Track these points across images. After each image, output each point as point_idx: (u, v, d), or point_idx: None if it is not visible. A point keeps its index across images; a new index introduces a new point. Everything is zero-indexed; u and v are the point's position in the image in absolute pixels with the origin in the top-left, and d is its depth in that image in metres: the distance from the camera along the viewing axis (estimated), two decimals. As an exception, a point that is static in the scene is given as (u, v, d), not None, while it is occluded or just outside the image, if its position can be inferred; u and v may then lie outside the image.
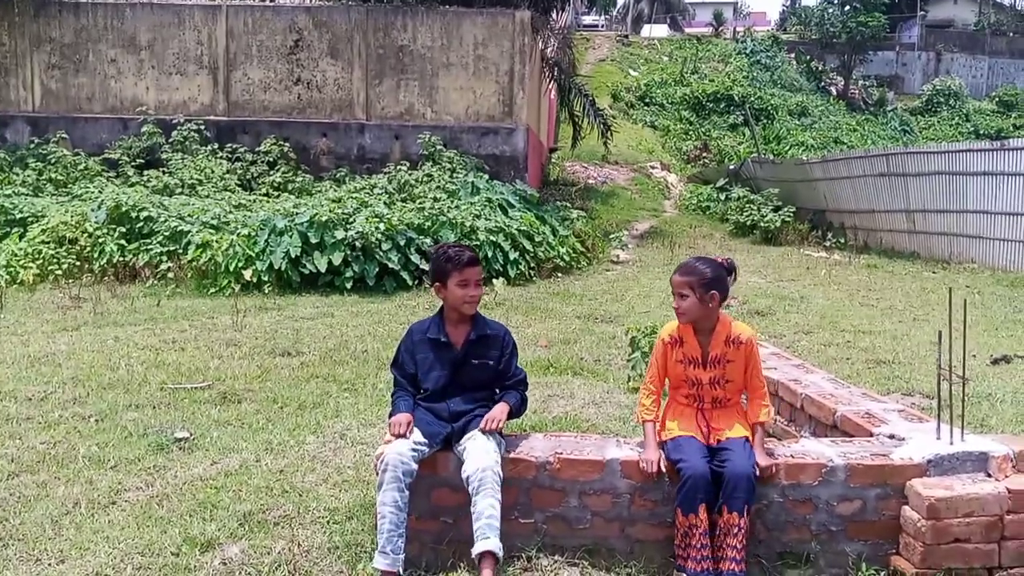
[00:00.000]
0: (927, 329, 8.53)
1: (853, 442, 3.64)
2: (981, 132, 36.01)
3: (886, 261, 15.63)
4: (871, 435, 3.72)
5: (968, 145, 16.59)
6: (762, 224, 19.30)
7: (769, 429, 3.58)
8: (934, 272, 14.05)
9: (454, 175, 15.12)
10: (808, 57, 42.09)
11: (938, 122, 38.39)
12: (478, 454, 3.24)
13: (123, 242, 11.67)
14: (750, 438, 3.40)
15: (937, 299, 10.72)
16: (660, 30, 52.94)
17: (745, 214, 20.03)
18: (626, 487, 3.36)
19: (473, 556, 3.13)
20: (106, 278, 10.99)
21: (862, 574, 3.30)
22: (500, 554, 3.11)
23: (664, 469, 3.32)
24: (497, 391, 3.56)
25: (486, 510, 3.13)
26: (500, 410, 3.39)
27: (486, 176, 15.15)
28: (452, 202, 13.27)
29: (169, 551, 3.42)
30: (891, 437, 3.62)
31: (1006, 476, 3.34)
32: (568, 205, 16.59)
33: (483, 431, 3.29)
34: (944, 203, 15.55)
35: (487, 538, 3.09)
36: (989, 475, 3.37)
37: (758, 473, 3.27)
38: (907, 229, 16.83)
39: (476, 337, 3.46)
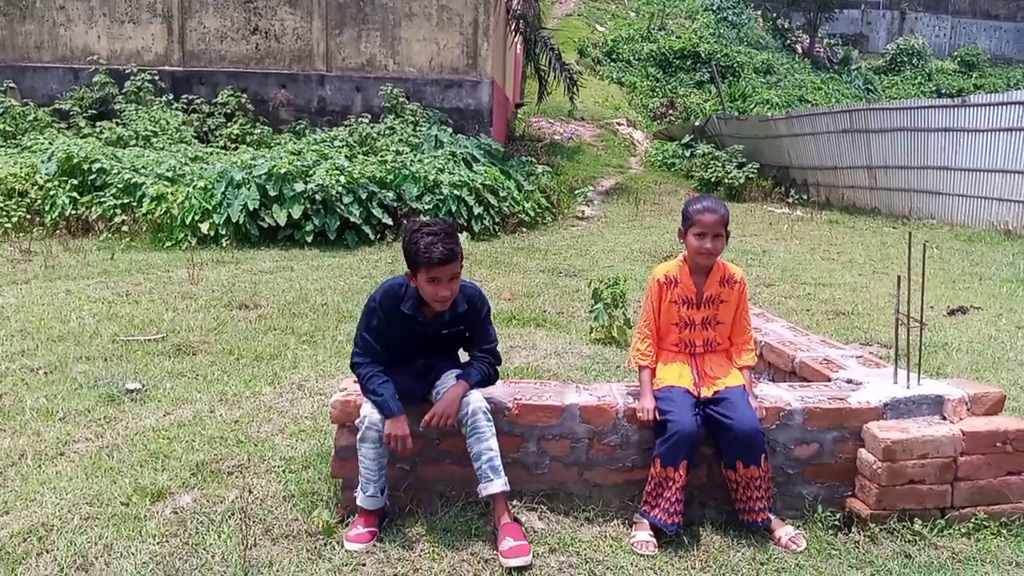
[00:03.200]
0: (886, 282, 8.63)
1: (811, 387, 3.66)
2: (943, 92, 36.20)
3: (847, 217, 15.79)
4: (829, 380, 3.74)
5: (929, 101, 16.65)
6: (726, 180, 19.38)
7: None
8: (894, 227, 14.22)
9: (417, 128, 14.87)
10: (774, 14, 41.88)
11: (901, 81, 38.53)
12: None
13: (75, 195, 11.31)
14: (746, 386, 3.38)
15: (896, 253, 10.85)
16: (627, -15, 52.25)
17: (710, 170, 20.06)
18: (584, 432, 3.34)
19: (481, 499, 3.18)
20: (58, 231, 10.71)
21: (818, 516, 3.33)
22: (507, 489, 3.13)
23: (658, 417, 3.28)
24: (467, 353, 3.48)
25: (484, 453, 3.14)
26: (450, 399, 3.19)
27: (450, 130, 14.91)
28: (415, 156, 13.06)
29: (119, 501, 3.34)
30: (849, 382, 3.64)
31: (961, 419, 3.38)
32: (533, 160, 16.39)
33: (425, 426, 3.18)
34: (905, 159, 15.69)
35: (490, 480, 3.11)
36: (944, 418, 3.41)
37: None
38: (868, 185, 16.97)
39: (450, 317, 3.31)
